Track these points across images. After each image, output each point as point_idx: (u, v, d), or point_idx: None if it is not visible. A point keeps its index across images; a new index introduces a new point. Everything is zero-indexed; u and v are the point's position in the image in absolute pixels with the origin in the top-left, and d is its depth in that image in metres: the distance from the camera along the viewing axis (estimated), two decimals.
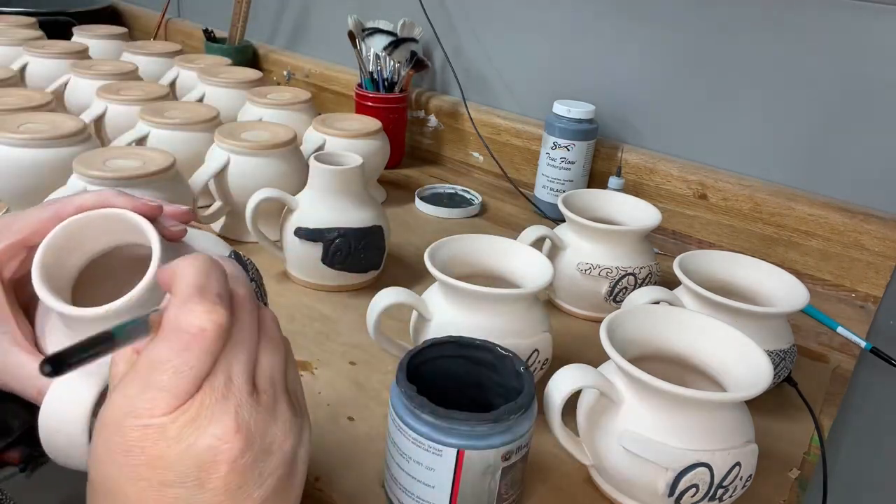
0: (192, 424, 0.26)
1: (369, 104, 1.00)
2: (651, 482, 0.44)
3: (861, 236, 0.77)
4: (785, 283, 0.59)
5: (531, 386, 0.43)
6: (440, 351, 0.47)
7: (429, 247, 0.56)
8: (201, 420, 0.26)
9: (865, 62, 0.75)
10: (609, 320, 0.47)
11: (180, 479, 0.26)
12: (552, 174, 0.90)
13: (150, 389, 0.26)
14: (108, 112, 0.86)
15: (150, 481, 0.26)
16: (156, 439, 0.25)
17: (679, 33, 0.85)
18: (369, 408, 0.55)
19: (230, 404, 0.27)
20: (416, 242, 0.82)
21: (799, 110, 0.80)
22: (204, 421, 0.26)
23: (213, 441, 0.26)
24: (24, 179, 0.70)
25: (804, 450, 0.56)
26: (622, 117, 0.93)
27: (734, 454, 0.43)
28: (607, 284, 0.66)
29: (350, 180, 0.67)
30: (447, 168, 1.09)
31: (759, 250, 0.83)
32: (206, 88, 0.96)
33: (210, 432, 0.26)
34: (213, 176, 0.73)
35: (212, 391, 0.27)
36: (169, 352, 0.26)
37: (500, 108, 1.04)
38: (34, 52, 1.00)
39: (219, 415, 0.26)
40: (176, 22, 1.47)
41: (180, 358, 0.26)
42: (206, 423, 0.26)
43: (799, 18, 0.77)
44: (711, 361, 0.48)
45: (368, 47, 1.01)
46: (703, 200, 0.86)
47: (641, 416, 0.44)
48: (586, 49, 0.94)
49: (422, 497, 0.43)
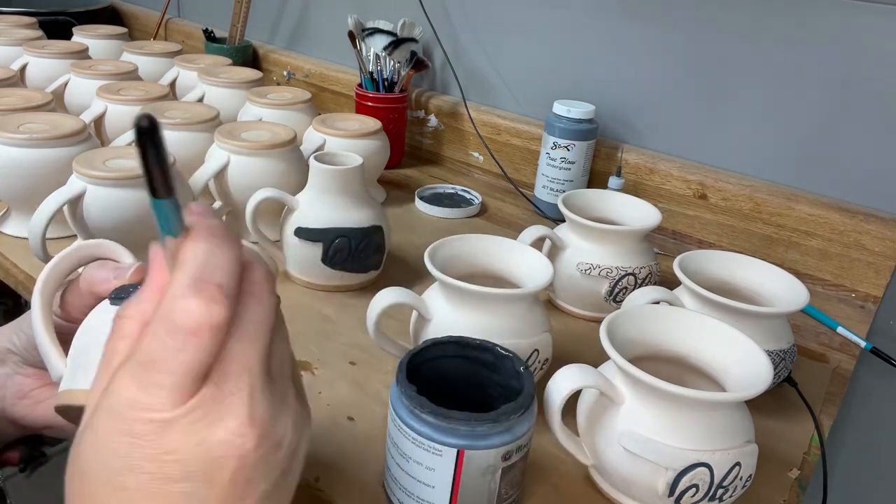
0: (204, 419, 0.25)
1: (369, 104, 1.00)
2: (651, 482, 0.44)
3: (861, 236, 0.77)
4: (785, 283, 0.59)
5: (531, 386, 0.43)
6: (440, 351, 0.47)
7: (429, 247, 0.56)
8: (213, 414, 0.25)
9: (865, 62, 0.75)
10: (609, 320, 0.47)
11: (187, 475, 0.24)
12: (552, 174, 0.90)
13: (150, 387, 0.24)
14: (108, 112, 0.86)
15: (154, 475, 0.24)
16: (164, 433, 0.24)
17: (679, 33, 0.85)
18: (369, 408, 0.55)
19: (244, 394, 0.25)
20: (416, 242, 0.82)
21: (799, 110, 0.80)
22: (216, 414, 0.25)
23: (226, 435, 0.25)
24: (24, 179, 0.70)
25: (804, 450, 0.56)
26: (622, 117, 0.93)
27: (734, 454, 0.43)
28: (607, 284, 0.66)
29: (350, 180, 0.67)
30: (447, 168, 1.09)
31: (759, 250, 0.83)
32: (206, 88, 0.96)
33: (223, 426, 0.25)
34: (213, 176, 0.73)
35: (224, 382, 0.25)
36: (164, 352, 0.24)
37: (500, 108, 1.04)
38: (34, 52, 1.00)
39: (232, 407, 0.25)
40: (176, 22, 1.47)
41: (176, 360, 0.24)
42: (218, 417, 0.25)
43: (799, 18, 0.77)
44: (711, 361, 0.48)
45: (368, 47, 1.01)
46: (703, 200, 0.86)
47: (641, 416, 0.44)
48: (586, 49, 0.94)
49: (422, 497, 0.43)
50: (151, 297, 0.26)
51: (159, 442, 0.24)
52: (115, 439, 0.24)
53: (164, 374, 0.24)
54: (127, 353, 0.25)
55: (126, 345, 0.26)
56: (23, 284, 0.69)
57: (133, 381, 0.25)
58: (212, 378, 0.25)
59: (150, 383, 0.24)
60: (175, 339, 0.24)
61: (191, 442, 0.24)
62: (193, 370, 0.25)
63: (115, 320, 0.27)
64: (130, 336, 0.26)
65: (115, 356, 0.26)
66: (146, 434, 0.24)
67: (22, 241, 0.72)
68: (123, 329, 0.26)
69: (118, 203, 0.64)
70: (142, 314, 0.26)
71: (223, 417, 0.25)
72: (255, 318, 0.27)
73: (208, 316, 0.25)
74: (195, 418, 0.25)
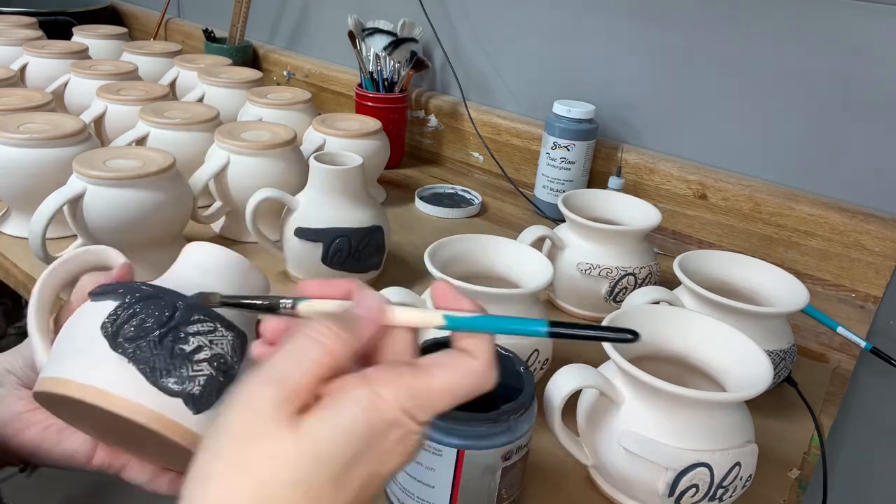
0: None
1: (369, 104, 1.00)
2: (651, 482, 0.44)
3: (861, 236, 0.77)
4: (785, 283, 0.59)
5: (531, 386, 0.43)
6: (440, 351, 0.46)
7: (429, 247, 0.56)
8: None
9: (866, 62, 0.75)
10: (609, 320, 0.47)
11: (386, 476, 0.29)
12: (552, 174, 0.90)
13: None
14: (108, 112, 0.86)
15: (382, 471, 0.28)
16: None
17: (679, 33, 0.85)
18: None
19: None
20: (416, 242, 0.82)
21: (799, 110, 0.80)
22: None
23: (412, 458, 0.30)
24: (24, 179, 0.70)
25: (804, 450, 0.56)
26: (622, 117, 0.93)
27: (734, 454, 0.43)
28: (607, 284, 0.66)
29: (350, 180, 0.67)
30: (447, 168, 1.09)
31: (759, 250, 0.83)
32: (206, 88, 0.96)
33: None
34: (213, 176, 0.73)
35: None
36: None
37: (500, 108, 1.04)
38: (34, 52, 1.00)
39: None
40: (176, 22, 1.47)
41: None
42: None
43: (799, 18, 0.77)
44: (711, 361, 0.48)
45: (368, 47, 1.01)
46: (703, 200, 0.86)
47: (641, 416, 0.44)
48: (586, 49, 0.94)
49: (422, 497, 0.43)
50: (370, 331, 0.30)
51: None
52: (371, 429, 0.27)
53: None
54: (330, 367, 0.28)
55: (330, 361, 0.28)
56: (23, 284, 0.69)
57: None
58: None
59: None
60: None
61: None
62: None
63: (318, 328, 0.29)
64: (337, 355, 0.28)
65: (313, 364, 0.28)
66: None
67: (22, 241, 0.72)
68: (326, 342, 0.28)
69: (118, 203, 0.64)
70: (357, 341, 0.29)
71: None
72: None
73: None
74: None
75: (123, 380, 0.35)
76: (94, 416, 0.37)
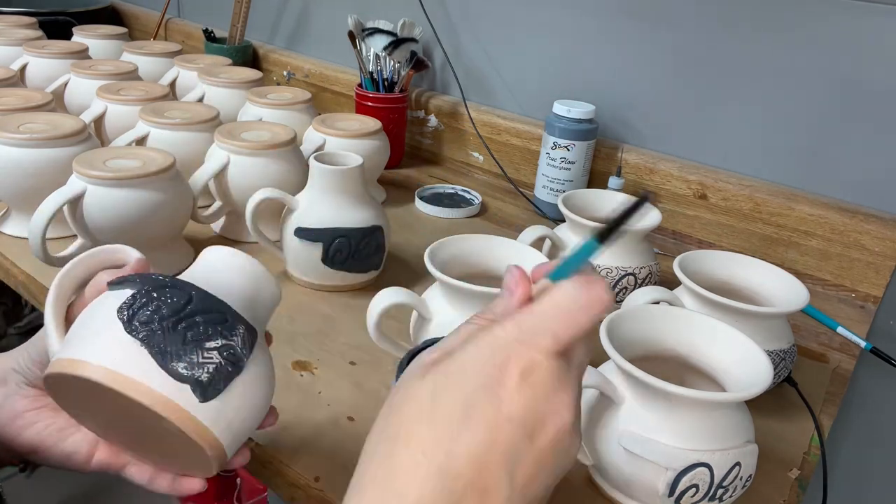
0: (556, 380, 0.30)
1: (369, 104, 1.00)
2: (651, 482, 0.44)
3: (861, 236, 0.77)
4: (785, 283, 0.59)
5: None
6: None
7: (429, 247, 0.56)
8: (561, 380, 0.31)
9: (865, 62, 0.75)
10: (609, 320, 0.47)
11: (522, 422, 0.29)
12: (552, 174, 0.90)
13: (546, 329, 0.30)
14: (108, 112, 0.86)
15: (500, 409, 0.29)
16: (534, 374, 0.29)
17: (679, 33, 0.85)
18: (369, 408, 0.55)
19: (578, 380, 0.32)
20: (416, 242, 0.82)
21: (799, 110, 0.80)
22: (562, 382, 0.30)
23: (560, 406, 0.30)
24: (24, 179, 0.70)
25: (804, 450, 0.56)
26: (622, 117, 0.93)
27: (734, 454, 0.43)
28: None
29: (350, 180, 0.67)
30: (447, 168, 1.09)
31: (759, 250, 0.83)
32: (206, 88, 0.96)
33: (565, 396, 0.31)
34: (213, 176, 0.73)
35: (571, 358, 0.32)
36: (575, 310, 0.30)
37: (500, 108, 1.04)
38: (34, 52, 1.00)
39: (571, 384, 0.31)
40: (176, 22, 1.47)
41: (580, 321, 0.30)
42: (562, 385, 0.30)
43: (799, 18, 0.77)
44: (711, 361, 0.48)
45: (368, 47, 1.01)
46: (703, 200, 0.86)
47: (641, 416, 0.44)
48: (586, 49, 0.94)
49: None
50: (513, 303, 0.32)
51: (522, 380, 0.29)
52: (489, 366, 0.29)
53: (558, 324, 0.30)
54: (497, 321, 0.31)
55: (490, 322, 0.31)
56: (23, 284, 0.69)
57: (524, 323, 0.30)
58: (566, 351, 0.31)
59: (545, 327, 0.30)
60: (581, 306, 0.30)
61: (540, 392, 0.29)
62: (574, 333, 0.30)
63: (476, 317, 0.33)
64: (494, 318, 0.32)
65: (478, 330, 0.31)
66: (515, 366, 0.29)
67: (22, 241, 0.72)
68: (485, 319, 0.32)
69: (118, 203, 0.64)
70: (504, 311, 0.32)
71: (565, 387, 0.30)
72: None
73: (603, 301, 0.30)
74: (552, 374, 0.30)
75: (134, 361, 0.35)
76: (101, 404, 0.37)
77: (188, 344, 0.36)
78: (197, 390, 0.35)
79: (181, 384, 0.35)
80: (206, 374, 0.36)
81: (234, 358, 0.37)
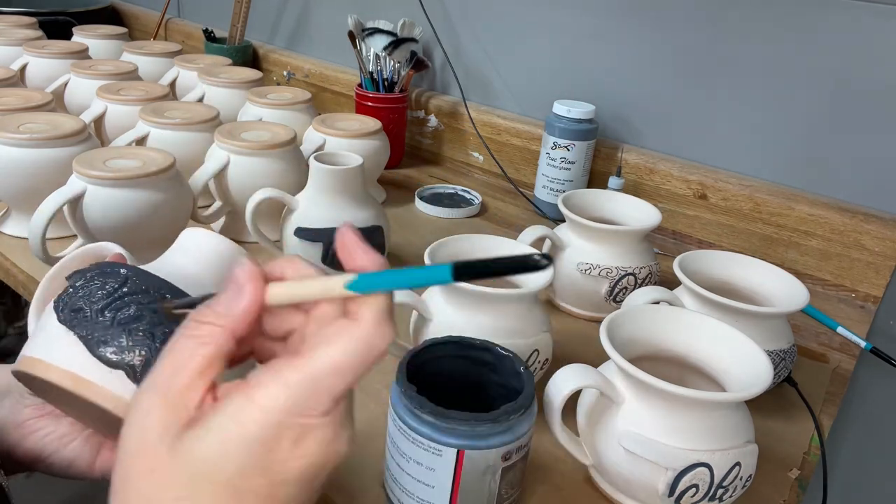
0: (338, 428, 0.27)
1: (369, 104, 1.00)
2: (651, 482, 0.44)
3: (861, 236, 0.77)
4: (785, 283, 0.59)
5: (531, 386, 0.43)
6: (440, 351, 0.47)
7: (429, 247, 0.56)
8: (342, 426, 0.28)
9: (865, 62, 0.75)
10: (609, 320, 0.47)
11: (299, 479, 0.27)
12: (552, 174, 0.90)
13: (322, 392, 0.26)
14: (108, 112, 0.86)
15: (273, 480, 0.26)
16: (308, 438, 0.26)
17: (679, 33, 0.85)
18: (369, 408, 0.55)
19: (352, 413, 0.29)
20: (416, 242, 0.82)
21: (799, 110, 0.80)
22: (343, 426, 0.28)
23: (344, 446, 0.28)
24: (24, 179, 0.70)
25: (804, 450, 0.56)
26: (622, 117, 0.93)
27: (734, 454, 0.43)
28: (607, 284, 0.66)
29: (350, 180, 0.67)
30: (447, 168, 1.09)
31: (759, 250, 0.83)
32: (206, 88, 0.96)
33: (345, 437, 0.28)
34: (213, 176, 0.73)
35: (347, 401, 0.28)
36: (356, 365, 0.26)
37: (500, 108, 1.04)
38: (34, 52, 1.00)
39: (349, 422, 0.28)
40: (176, 22, 1.47)
41: (359, 373, 0.27)
42: (344, 429, 0.28)
43: (799, 18, 0.77)
44: (711, 361, 0.48)
45: (368, 47, 1.01)
46: (703, 200, 0.86)
47: (641, 416, 0.44)
48: (586, 49, 0.94)
49: (422, 497, 0.43)
50: (240, 308, 0.27)
51: (303, 447, 0.26)
52: (265, 439, 0.26)
53: (345, 384, 0.26)
54: (210, 358, 0.27)
55: (210, 351, 0.27)
56: (23, 284, 0.69)
57: (307, 384, 0.26)
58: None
59: (328, 388, 0.26)
60: (369, 357, 0.27)
61: (325, 449, 0.27)
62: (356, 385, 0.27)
63: (192, 322, 0.28)
64: (215, 342, 0.27)
65: (191, 360, 0.27)
66: (299, 438, 0.26)
67: (22, 241, 0.72)
68: (203, 334, 0.27)
69: (118, 203, 0.64)
70: (231, 322, 0.27)
71: (346, 429, 0.28)
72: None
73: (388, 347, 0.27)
74: (334, 426, 0.27)
75: (65, 351, 0.34)
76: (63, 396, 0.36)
77: (115, 327, 0.34)
78: (131, 375, 0.34)
79: (114, 370, 0.34)
80: (137, 357, 0.34)
81: None
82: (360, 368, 0.27)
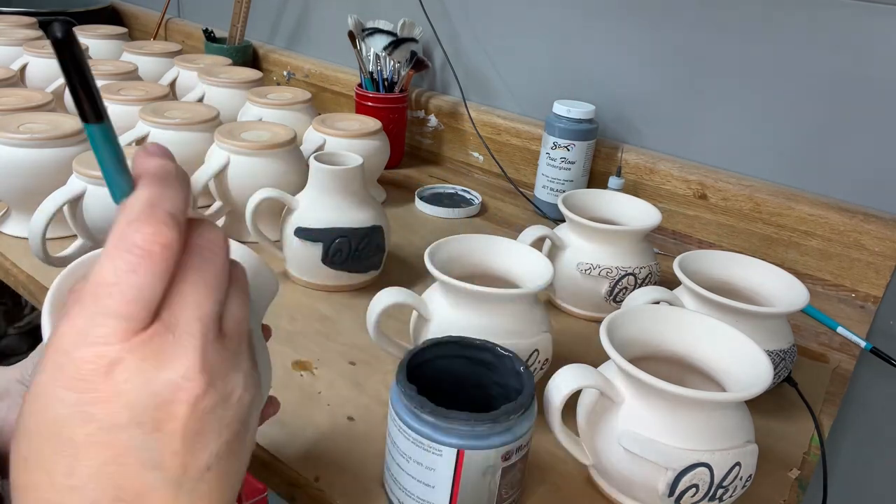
0: (154, 357, 0.24)
1: (369, 104, 1.00)
2: (651, 482, 0.44)
3: (861, 236, 0.77)
4: (785, 283, 0.59)
5: (531, 386, 0.43)
6: (440, 351, 0.47)
7: (429, 247, 0.56)
8: (164, 353, 0.24)
9: (865, 62, 0.75)
10: (609, 320, 0.47)
11: (136, 420, 0.23)
12: (552, 174, 0.90)
13: (98, 315, 0.23)
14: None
15: (102, 423, 0.23)
16: (111, 371, 0.23)
17: (679, 33, 0.85)
18: (369, 408, 0.55)
19: (196, 340, 0.25)
20: (416, 242, 0.82)
21: (799, 110, 0.80)
22: (166, 354, 0.24)
23: (174, 376, 0.24)
24: (24, 179, 0.70)
25: (804, 450, 0.56)
26: (622, 117, 0.93)
27: (734, 454, 0.43)
28: (607, 284, 0.66)
29: (350, 180, 0.67)
30: (447, 168, 1.09)
31: (759, 250, 0.83)
32: (206, 88, 0.96)
33: (173, 366, 0.24)
34: (213, 176, 0.73)
35: (175, 324, 0.25)
36: (114, 273, 0.24)
37: (500, 108, 1.04)
38: (34, 52, 1.00)
39: (183, 349, 0.24)
40: (176, 22, 1.47)
41: (126, 280, 0.24)
42: (168, 357, 0.24)
43: (799, 18, 0.77)
44: (711, 361, 0.48)
45: (368, 47, 1.01)
46: (703, 200, 0.86)
47: (641, 416, 0.44)
48: (586, 49, 0.94)
49: (422, 497, 0.43)
50: None
51: (108, 383, 0.23)
52: (61, 386, 0.23)
53: (115, 297, 0.23)
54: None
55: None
56: (23, 284, 0.69)
57: (83, 311, 0.24)
58: (162, 317, 0.24)
59: (101, 309, 0.24)
60: (126, 259, 0.24)
61: (139, 380, 0.23)
62: (145, 294, 0.24)
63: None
64: None
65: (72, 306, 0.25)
66: (94, 374, 0.23)
67: (22, 241, 0.72)
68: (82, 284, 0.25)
69: None
70: None
71: (173, 358, 0.24)
72: (208, 269, 0.26)
73: (159, 239, 0.24)
74: (144, 355, 0.24)
75: None
76: None
77: None
78: None
79: None
80: None
81: None
82: (128, 277, 0.24)
